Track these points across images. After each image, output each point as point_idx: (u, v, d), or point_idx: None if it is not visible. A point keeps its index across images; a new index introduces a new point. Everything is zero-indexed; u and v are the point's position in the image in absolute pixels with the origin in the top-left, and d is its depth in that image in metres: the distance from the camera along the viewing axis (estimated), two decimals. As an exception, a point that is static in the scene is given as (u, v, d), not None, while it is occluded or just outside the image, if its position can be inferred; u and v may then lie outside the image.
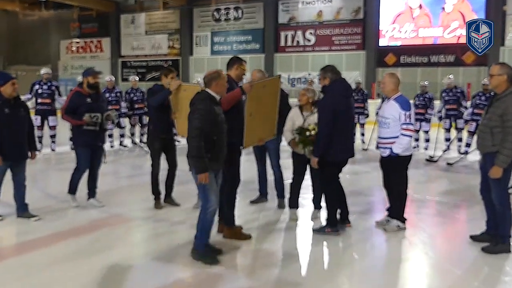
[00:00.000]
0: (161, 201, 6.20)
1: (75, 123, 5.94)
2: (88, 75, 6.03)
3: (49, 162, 9.99)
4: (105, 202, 6.25)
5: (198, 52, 26.28)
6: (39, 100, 10.28)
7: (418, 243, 4.94)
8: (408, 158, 5.14)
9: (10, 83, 5.31)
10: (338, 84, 5.02)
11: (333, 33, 22.98)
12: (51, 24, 30.59)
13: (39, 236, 5.07)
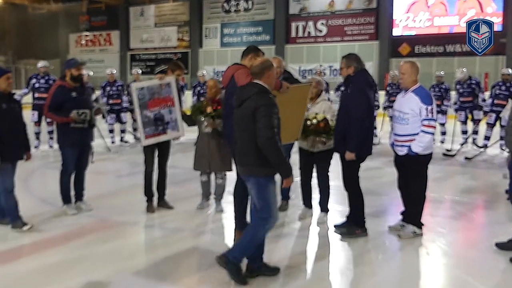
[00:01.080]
0: (154, 203, 5.76)
1: (61, 120, 5.43)
2: (71, 66, 5.49)
3: (47, 158, 9.62)
4: (99, 205, 5.83)
5: (207, 44, 25.82)
6: (36, 95, 9.87)
7: (437, 252, 4.43)
8: (428, 157, 4.60)
9: (5, 77, 4.85)
10: (364, 75, 4.65)
11: (345, 23, 22.35)
12: (60, 17, 30.38)
13: (21, 244, 4.67)
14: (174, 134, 5.62)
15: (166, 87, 5.54)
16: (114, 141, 11.20)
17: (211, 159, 5.48)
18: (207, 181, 5.74)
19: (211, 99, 5.49)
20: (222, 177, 5.67)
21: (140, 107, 5.48)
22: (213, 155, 5.48)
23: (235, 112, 3.78)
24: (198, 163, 5.60)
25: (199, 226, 5.24)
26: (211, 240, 4.83)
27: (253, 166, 3.62)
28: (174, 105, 5.54)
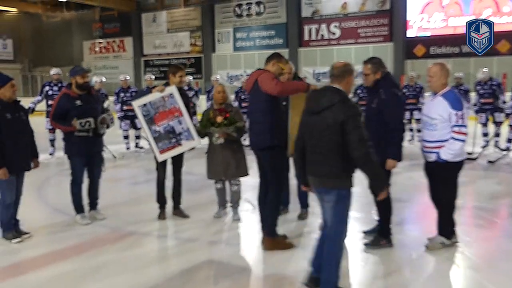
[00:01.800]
0: (166, 210, 5.66)
1: (64, 129, 5.35)
2: (76, 74, 5.37)
3: (62, 166, 9.55)
4: (113, 213, 5.75)
5: (220, 49, 25.75)
6: (50, 102, 9.84)
7: (466, 264, 4.19)
8: (459, 164, 4.34)
9: (9, 85, 4.72)
10: (392, 78, 4.52)
11: (358, 25, 22.11)
12: (73, 25, 30.61)
13: (34, 255, 4.57)
14: (190, 144, 5.46)
15: (169, 98, 5.35)
16: (129, 147, 11.15)
17: (227, 166, 5.36)
18: (222, 188, 5.61)
19: (218, 109, 5.36)
20: (237, 183, 5.55)
21: (147, 123, 5.37)
22: (228, 162, 5.36)
23: (306, 119, 3.52)
24: (213, 171, 5.47)
25: (215, 236, 5.10)
26: (228, 251, 4.68)
27: (335, 178, 3.37)
28: (182, 114, 5.37)
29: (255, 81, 4.45)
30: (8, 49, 32.56)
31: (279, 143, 4.50)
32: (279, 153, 4.55)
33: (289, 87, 4.43)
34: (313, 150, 3.44)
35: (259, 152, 4.58)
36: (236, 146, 5.42)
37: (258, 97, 4.43)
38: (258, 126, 4.50)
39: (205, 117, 5.38)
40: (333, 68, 3.51)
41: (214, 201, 5.75)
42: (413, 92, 11.42)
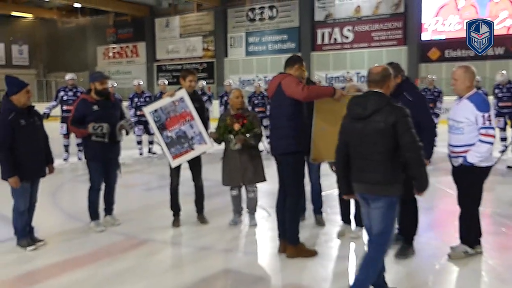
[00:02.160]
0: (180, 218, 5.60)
1: (80, 133, 5.38)
2: (95, 80, 5.39)
3: (76, 171, 9.58)
4: (127, 220, 5.70)
5: (233, 54, 25.78)
6: (65, 107, 9.87)
7: (495, 277, 4.01)
8: (486, 170, 4.21)
9: (25, 91, 4.66)
10: (411, 81, 4.50)
11: (372, 29, 21.99)
12: (87, 30, 30.91)
13: (48, 263, 4.52)
14: (202, 148, 5.37)
15: (180, 102, 5.30)
16: (142, 153, 11.13)
17: (244, 171, 5.29)
18: (238, 195, 5.52)
19: (235, 115, 5.28)
20: (253, 190, 5.47)
21: (158, 129, 5.33)
22: (246, 168, 5.29)
23: (351, 125, 3.41)
24: (229, 177, 5.39)
25: (231, 243, 5.02)
26: (244, 260, 4.59)
27: (387, 184, 3.30)
28: (193, 118, 5.29)
29: (278, 85, 4.36)
30: (24, 55, 32.97)
31: (303, 148, 4.43)
32: (302, 158, 4.47)
33: (316, 92, 4.34)
34: (362, 157, 3.36)
35: (281, 157, 4.49)
36: (254, 152, 5.36)
37: (282, 101, 4.35)
38: (281, 131, 4.40)
39: (222, 124, 5.31)
40: (372, 74, 3.44)
41: (228, 207, 5.67)
42: (431, 96, 11.25)
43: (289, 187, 4.45)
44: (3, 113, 4.64)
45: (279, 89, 4.35)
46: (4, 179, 4.69)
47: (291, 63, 4.51)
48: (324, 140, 4.49)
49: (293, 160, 4.38)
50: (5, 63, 31.14)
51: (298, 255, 4.44)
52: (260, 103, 11.38)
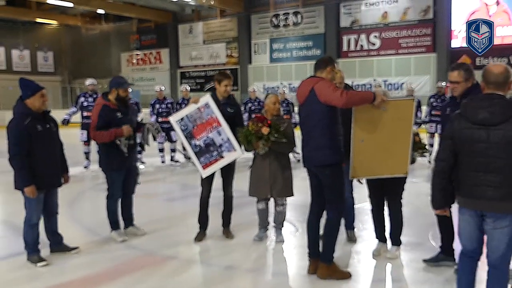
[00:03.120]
0: (206, 232, 5.23)
1: (112, 136, 5.00)
2: (119, 86, 5.12)
3: (96, 179, 9.32)
4: (148, 232, 5.39)
5: (257, 60, 25.48)
6: (85, 114, 9.66)
7: None
8: None
9: (39, 94, 4.40)
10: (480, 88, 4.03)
11: (399, 36, 21.42)
12: (111, 37, 31.04)
13: (61, 281, 4.21)
14: (232, 155, 5.00)
15: (205, 108, 4.97)
16: (164, 161, 10.85)
17: (273, 183, 4.89)
18: (265, 209, 5.12)
19: (256, 118, 4.83)
20: (282, 203, 5.07)
21: (187, 138, 5.03)
22: (275, 179, 4.89)
23: (468, 132, 3.01)
24: (257, 188, 4.99)
25: (257, 262, 4.64)
26: (272, 283, 4.19)
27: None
28: (220, 124, 4.94)
29: (311, 90, 3.97)
30: (49, 62, 33.29)
31: (340, 159, 4.03)
32: (340, 169, 4.06)
33: (355, 98, 3.89)
34: (484, 169, 2.96)
35: (316, 170, 4.10)
36: (284, 161, 4.97)
37: (315, 108, 3.96)
38: (314, 141, 4.02)
39: (247, 133, 4.80)
40: (493, 74, 3.05)
41: (254, 221, 5.29)
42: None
43: (329, 201, 4.07)
44: (19, 118, 4.37)
45: (311, 95, 3.97)
46: (19, 189, 4.41)
47: (322, 65, 4.10)
48: (364, 154, 4.09)
49: (330, 173, 4.00)
50: (31, 70, 31.45)
51: (330, 276, 4.06)
52: (285, 111, 11.02)
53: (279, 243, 5.04)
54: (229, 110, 5.04)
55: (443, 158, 3.13)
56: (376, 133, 4.04)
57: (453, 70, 3.97)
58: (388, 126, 4.02)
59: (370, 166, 4.16)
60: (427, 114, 11.37)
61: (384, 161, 4.14)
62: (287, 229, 5.45)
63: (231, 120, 5.00)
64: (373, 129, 4.02)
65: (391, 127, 4.02)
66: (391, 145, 4.08)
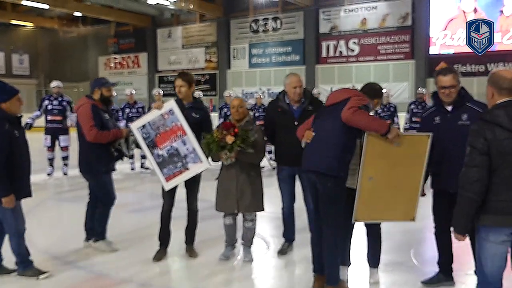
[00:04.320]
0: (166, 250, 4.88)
1: (112, 137, 4.78)
2: (102, 86, 4.91)
3: (61, 187, 8.91)
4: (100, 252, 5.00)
5: (235, 65, 25.22)
6: (49, 117, 9.24)
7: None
8: None
9: (16, 98, 4.13)
10: (466, 91, 3.93)
11: (378, 42, 21.40)
12: (89, 40, 30.47)
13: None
14: (198, 167, 4.64)
15: (170, 115, 4.61)
16: (133, 168, 10.48)
17: (241, 196, 4.55)
18: (232, 225, 4.79)
19: (223, 125, 4.46)
20: (252, 219, 4.74)
21: (149, 147, 4.69)
22: (243, 192, 4.55)
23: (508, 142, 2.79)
24: (223, 202, 4.65)
25: (222, 285, 4.29)
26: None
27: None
28: (186, 133, 4.58)
29: (347, 98, 3.72)
30: (25, 64, 32.48)
31: (344, 174, 3.75)
32: (343, 184, 3.76)
33: (362, 118, 3.58)
34: None
35: (318, 178, 3.76)
36: (253, 172, 4.62)
37: (339, 115, 3.68)
38: (325, 146, 3.71)
39: (210, 141, 4.43)
40: (507, 80, 2.87)
41: (222, 236, 4.94)
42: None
43: (326, 216, 3.76)
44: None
45: (343, 103, 3.70)
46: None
47: (378, 95, 3.96)
48: (371, 194, 3.70)
49: (332, 185, 3.69)
50: (5, 73, 30.63)
51: None
52: (262, 116, 10.75)
53: (247, 262, 4.72)
54: (194, 115, 4.68)
55: (478, 178, 2.80)
56: (387, 170, 3.68)
57: (446, 74, 3.75)
58: (400, 164, 3.68)
59: (376, 208, 3.78)
60: (407, 120, 11.25)
61: (392, 203, 3.78)
62: (257, 247, 5.13)
63: (197, 127, 4.63)
64: (384, 166, 3.66)
65: (403, 165, 3.68)
66: (401, 185, 3.74)
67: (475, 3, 19.41)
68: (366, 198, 3.69)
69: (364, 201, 3.71)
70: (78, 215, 5.20)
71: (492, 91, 2.91)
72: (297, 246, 5.03)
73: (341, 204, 3.76)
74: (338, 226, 3.78)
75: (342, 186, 3.75)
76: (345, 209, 3.80)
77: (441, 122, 3.83)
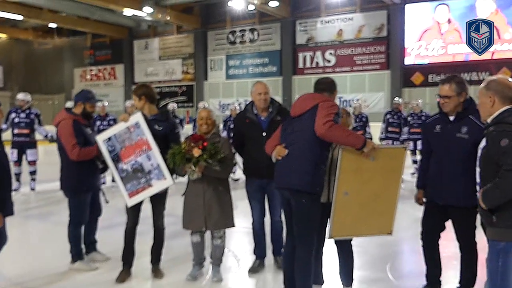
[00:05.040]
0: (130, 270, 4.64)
1: (96, 152, 4.59)
2: (87, 100, 4.79)
3: (27, 203, 8.61)
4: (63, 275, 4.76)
5: (213, 77, 25.12)
6: (16, 131, 8.95)
7: None
8: None
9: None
10: (474, 103, 3.71)
11: (354, 53, 21.56)
12: (64, 52, 30.07)
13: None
14: (162, 184, 4.45)
15: (135, 128, 4.42)
16: (104, 182, 10.21)
17: (208, 213, 4.35)
18: (200, 242, 4.59)
19: (192, 137, 4.26)
20: (221, 236, 4.53)
21: (113, 161, 4.51)
22: (211, 208, 4.35)
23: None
24: (190, 219, 4.45)
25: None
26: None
27: None
28: (151, 148, 4.39)
29: (315, 106, 3.54)
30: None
31: (319, 190, 3.60)
32: (318, 202, 3.61)
33: (339, 133, 3.43)
34: None
35: (290, 194, 3.62)
36: (222, 187, 4.43)
37: (311, 126, 3.50)
38: (298, 161, 3.54)
39: (176, 152, 4.21)
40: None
41: (190, 254, 4.73)
42: (419, 121, 10.76)
43: (299, 235, 3.60)
44: None
45: (312, 111, 3.54)
46: None
47: (332, 87, 3.85)
48: (347, 210, 3.58)
49: (306, 202, 3.53)
50: (-22, 85, 30.06)
51: None
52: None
53: (216, 282, 4.51)
54: (157, 127, 4.47)
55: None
56: (362, 185, 3.56)
57: (444, 83, 3.64)
58: (376, 178, 3.57)
59: (352, 224, 3.65)
60: (383, 130, 11.23)
61: (369, 218, 3.67)
62: (226, 265, 4.94)
63: (162, 140, 4.43)
64: (359, 181, 3.54)
65: (379, 178, 3.58)
66: (378, 199, 3.63)
67: (449, 14, 19.70)
68: (342, 214, 3.58)
69: (340, 217, 3.58)
70: (46, 234, 4.96)
71: (494, 99, 2.86)
72: (270, 264, 4.87)
73: (316, 222, 3.63)
74: (312, 245, 3.64)
75: (317, 203, 3.61)
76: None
77: (441, 131, 3.72)
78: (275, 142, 3.82)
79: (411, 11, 20.23)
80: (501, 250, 2.77)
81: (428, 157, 3.85)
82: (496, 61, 18.82)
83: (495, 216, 2.79)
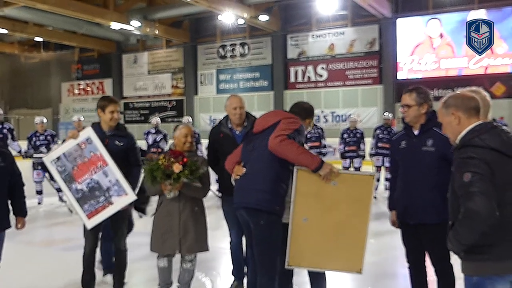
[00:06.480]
0: None
1: None
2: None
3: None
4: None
5: (203, 91, 24.68)
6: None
7: None
8: None
9: None
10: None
11: (346, 67, 21.22)
12: (51, 66, 29.57)
13: None
14: (123, 200, 4.06)
15: (87, 144, 4.07)
16: (66, 200, 9.53)
17: (184, 235, 3.93)
18: (167, 267, 4.09)
19: (171, 153, 3.91)
20: (191, 259, 4.09)
21: (65, 182, 4.08)
22: (186, 231, 3.94)
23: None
24: (162, 242, 3.99)
25: None
26: None
27: None
28: (107, 163, 4.01)
29: (277, 122, 3.31)
30: (-16, 91, 31.32)
31: (279, 211, 3.26)
32: (279, 222, 3.25)
33: (289, 149, 3.16)
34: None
35: (248, 215, 3.29)
36: (198, 208, 4.06)
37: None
38: (256, 179, 3.27)
39: (154, 168, 3.85)
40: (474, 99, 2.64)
41: (156, 276, 4.22)
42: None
43: (259, 260, 3.23)
44: None
45: (273, 127, 3.29)
46: None
47: (308, 115, 3.59)
48: (307, 238, 3.21)
49: (266, 222, 3.19)
50: (-37, 99, 29.48)
51: None
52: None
53: (185, 308, 4.03)
54: (118, 143, 4.17)
55: (492, 204, 2.38)
56: (324, 213, 3.19)
57: (407, 92, 3.47)
58: (340, 206, 3.20)
59: (314, 254, 3.25)
60: (373, 146, 10.79)
61: (333, 251, 3.25)
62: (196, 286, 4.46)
63: (122, 156, 4.11)
64: (320, 207, 3.19)
65: (344, 207, 3.21)
66: (343, 231, 3.23)
67: (441, 29, 19.45)
68: (300, 241, 3.20)
69: (298, 245, 3.21)
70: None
71: (458, 115, 2.58)
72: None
73: (277, 245, 3.22)
74: (274, 271, 3.21)
75: (277, 225, 3.21)
76: (282, 249, 3.23)
77: (407, 147, 3.51)
78: (235, 159, 3.60)
79: (402, 25, 19.97)
80: (474, 285, 2.51)
81: (397, 176, 3.62)
82: (490, 76, 18.57)
83: (463, 251, 2.48)
